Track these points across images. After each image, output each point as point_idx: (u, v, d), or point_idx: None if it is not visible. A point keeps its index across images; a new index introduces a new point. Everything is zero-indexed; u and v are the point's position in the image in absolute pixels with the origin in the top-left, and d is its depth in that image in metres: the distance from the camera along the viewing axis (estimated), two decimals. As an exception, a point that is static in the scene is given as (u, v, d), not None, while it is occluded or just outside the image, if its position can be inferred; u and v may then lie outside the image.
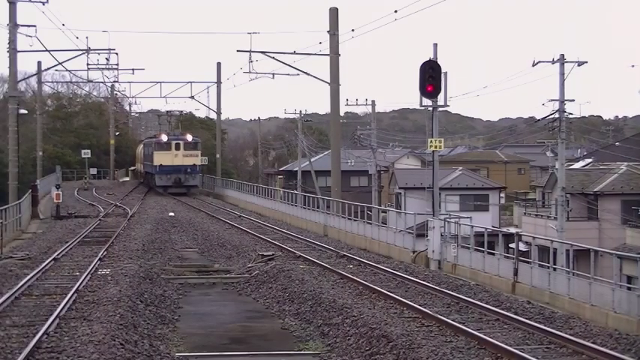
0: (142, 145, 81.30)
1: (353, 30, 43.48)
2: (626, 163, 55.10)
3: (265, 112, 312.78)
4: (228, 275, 25.78)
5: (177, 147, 66.48)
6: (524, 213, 58.67)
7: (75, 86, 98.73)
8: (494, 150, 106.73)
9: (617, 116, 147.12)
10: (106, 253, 28.48)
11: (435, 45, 31.20)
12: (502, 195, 65.23)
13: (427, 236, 30.22)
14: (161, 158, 66.32)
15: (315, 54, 44.93)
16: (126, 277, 22.58)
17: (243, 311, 20.47)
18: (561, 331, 16.24)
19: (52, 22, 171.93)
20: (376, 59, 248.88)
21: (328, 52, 43.83)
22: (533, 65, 41.92)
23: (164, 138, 67.33)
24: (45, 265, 24.75)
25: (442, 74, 30.63)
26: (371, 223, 37.34)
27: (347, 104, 72.34)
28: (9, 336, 15.70)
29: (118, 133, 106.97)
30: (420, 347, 14.69)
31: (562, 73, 42.41)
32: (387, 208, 55.66)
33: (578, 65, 42.29)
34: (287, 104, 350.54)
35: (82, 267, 24.94)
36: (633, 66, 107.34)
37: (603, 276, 22.14)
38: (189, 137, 67.97)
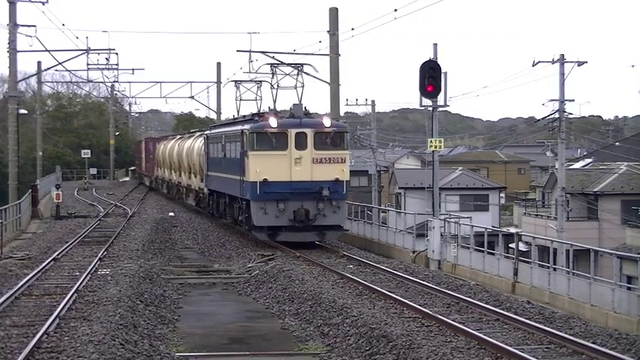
0: (198, 141, 46.11)
1: (353, 29, 43.35)
2: (626, 163, 55.14)
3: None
4: (228, 275, 25.77)
5: (302, 142, 30.11)
6: (524, 213, 58.69)
7: (75, 86, 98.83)
8: (494, 150, 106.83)
9: (617, 116, 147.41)
10: (106, 253, 28.45)
11: (435, 45, 31.23)
12: (502, 195, 65.22)
13: (427, 236, 30.22)
14: (266, 165, 29.96)
15: (315, 54, 44.86)
16: (126, 277, 22.57)
17: (243, 311, 20.47)
18: (561, 331, 16.23)
19: (52, 22, 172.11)
20: (376, 59, 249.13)
21: (328, 52, 43.79)
22: (533, 65, 42.06)
23: (273, 122, 30.05)
24: (45, 265, 24.73)
25: (442, 74, 30.64)
26: (371, 223, 37.33)
27: (347, 104, 72.48)
28: (9, 336, 15.71)
29: (117, 133, 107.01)
30: (420, 347, 14.70)
31: (562, 73, 42.47)
32: (387, 208, 55.63)
33: (578, 65, 42.38)
34: (287, 104, 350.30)
35: (82, 267, 24.92)
36: (633, 66, 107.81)
37: (603, 276, 22.15)
38: (326, 121, 30.72)
